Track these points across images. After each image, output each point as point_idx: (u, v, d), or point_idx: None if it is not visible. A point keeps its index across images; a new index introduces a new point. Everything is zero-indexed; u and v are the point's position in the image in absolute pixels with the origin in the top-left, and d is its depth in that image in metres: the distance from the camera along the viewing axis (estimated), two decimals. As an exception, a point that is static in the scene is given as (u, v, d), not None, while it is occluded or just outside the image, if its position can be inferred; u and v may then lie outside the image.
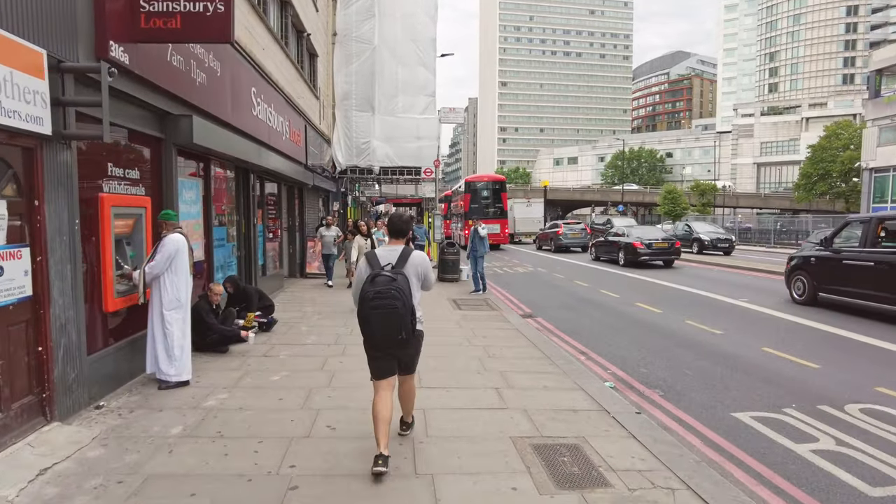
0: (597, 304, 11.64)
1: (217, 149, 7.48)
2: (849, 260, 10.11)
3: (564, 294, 13.26)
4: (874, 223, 9.82)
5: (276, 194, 12.50)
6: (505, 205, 31.99)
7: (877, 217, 10.04)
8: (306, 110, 15.23)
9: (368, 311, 3.66)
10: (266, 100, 10.41)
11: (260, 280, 10.68)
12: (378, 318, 3.65)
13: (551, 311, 10.99)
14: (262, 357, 6.70)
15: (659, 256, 19.36)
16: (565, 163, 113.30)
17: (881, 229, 9.79)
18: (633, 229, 21.97)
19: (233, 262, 9.19)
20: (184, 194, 6.96)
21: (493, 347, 7.35)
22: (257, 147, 9.49)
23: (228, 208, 9.02)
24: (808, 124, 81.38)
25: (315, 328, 8.34)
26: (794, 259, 11.65)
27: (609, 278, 16.15)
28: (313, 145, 16.15)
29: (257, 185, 10.40)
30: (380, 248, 4.16)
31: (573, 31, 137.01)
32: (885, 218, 10.08)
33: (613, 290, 13.51)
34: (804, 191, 54.11)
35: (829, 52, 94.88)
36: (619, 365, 7.01)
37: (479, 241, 12.35)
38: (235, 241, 9.38)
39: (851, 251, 10.19)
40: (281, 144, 11.77)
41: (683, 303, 11.76)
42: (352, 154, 20.35)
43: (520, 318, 9.88)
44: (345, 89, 20.25)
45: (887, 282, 9.12)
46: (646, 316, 10.29)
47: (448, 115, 21.10)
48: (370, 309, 3.65)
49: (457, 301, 11.36)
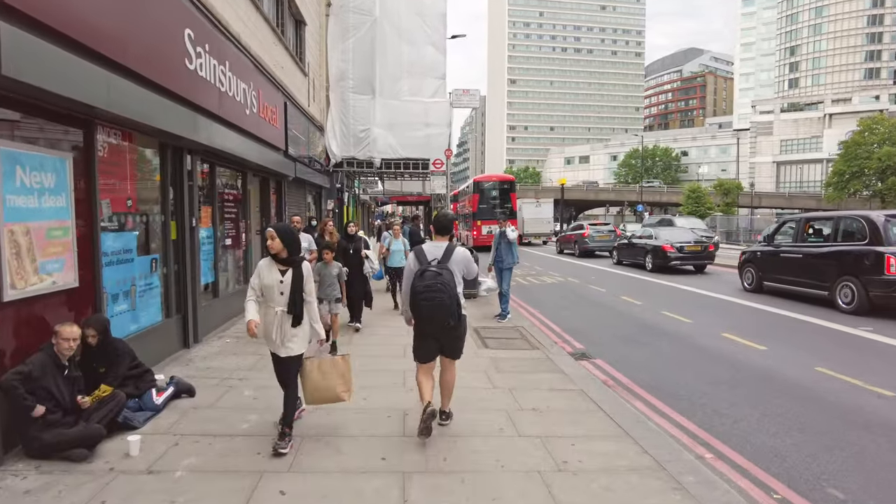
0: (669, 336, 8.57)
1: (97, 104, 4.51)
2: (784, 253, 11.83)
3: (615, 316, 10.21)
4: (803, 222, 11.73)
5: (241, 187, 9.52)
6: (514, 205, 30.28)
7: (805, 217, 12.07)
8: (288, 86, 12.26)
9: (419, 301, 4.13)
10: (217, 55, 7.44)
11: (207, 305, 7.69)
12: (427, 308, 4.12)
13: (611, 346, 7.96)
14: (140, 478, 3.69)
15: (690, 261, 17.21)
16: (577, 162, 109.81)
17: (808, 227, 11.59)
18: (661, 230, 19.19)
19: (154, 283, 6.20)
20: (20, 179, 3.99)
21: (557, 442, 4.30)
22: (193, 115, 6.50)
23: (142, 204, 6.05)
24: (831, 121, 78.06)
25: (263, 393, 5.33)
26: (745, 254, 13.52)
27: (659, 291, 13.08)
28: (298, 129, 13.18)
29: (199, 170, 7.42)
30: (427, 244, 4.55)
31: (584, 27, 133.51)
32: (812, 218, 12.03)
33: (678, 310, 10.43)
34: (836, 189, 50.65)
35: (853, 46, 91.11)
36: (785, 478, 3.96)
37: (507, 248, 9.29)
38: (160, 252, 6.40)
39: (786, 246, 11.91)
40: (245, 121, 8.80)
41: (798, 335, 8.68)
42: (348, 144, 17.36)
43: (572, 360, 6.85)
44: (341, 68, 17.26)
45: (811, 271, 10.93)
46: (753, 358, 7.22)
47: (461, 99, 18.04)
48: (420, 300, 4.12)
49: (480, 332, 8.34)
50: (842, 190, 50.35)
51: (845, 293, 10.03)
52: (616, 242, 21.89)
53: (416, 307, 4.17)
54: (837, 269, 10.26)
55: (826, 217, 11.68)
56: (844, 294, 10.05)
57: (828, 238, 10.95)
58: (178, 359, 6.44)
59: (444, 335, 4.30)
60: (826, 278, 10.49)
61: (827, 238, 10.97)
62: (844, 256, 10.19)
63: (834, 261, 10.39)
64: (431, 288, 4.06)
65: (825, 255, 10.65)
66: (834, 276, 10.29)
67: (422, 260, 4.30)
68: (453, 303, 4.13)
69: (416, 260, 4.33)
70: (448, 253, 4.31)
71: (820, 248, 10.88)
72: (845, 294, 10.03)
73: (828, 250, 10.64)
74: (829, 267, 10.46)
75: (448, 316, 4.12)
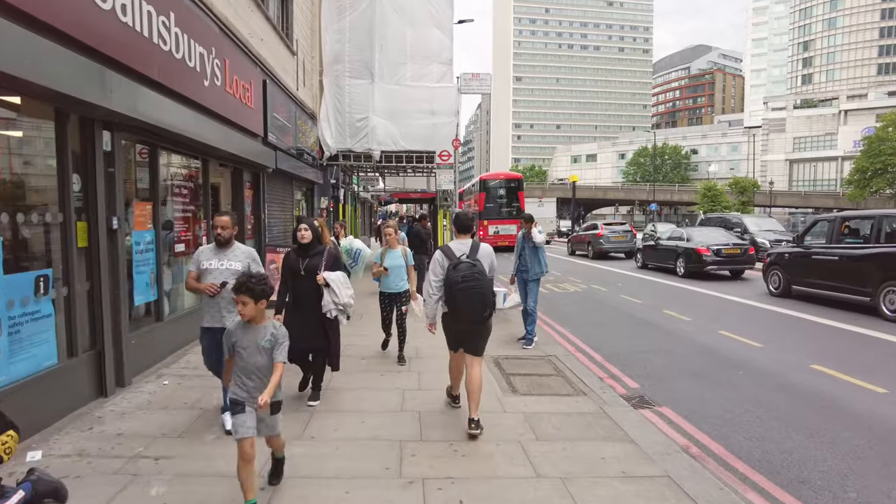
0: (742, 367, 6.64)
1: None
2: (817, 255, 10.98)
3: (664, 337, 8.27)
4: (838, 221, 10.90)
5: (201, 179, 7.64)
6: (522, 204, 28.54)
7: (840, 216, 11.19)
8: (270, 62, 10.40)
9: (457, 291, 4.17)
10: (156, 4, 5.57)
11: (144, 333, 5.82)
12: (466, 296, 4.16)
13: (675, 383, 6.05)
14: None
15: (727, 265, 15.60)
16: (584, 160, 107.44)
17: (844, 227, 10.78)
18: (693, 231, 17.33)
19: (42, 310, 4.32)
20: None
21: None
22: (100, 70, 4.58)
23: (21, 195, 4.18)
24: (846, 117, 75.85)
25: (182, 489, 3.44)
26: (771, 256, 12.58)
27: (704, 303, 11.14)
28: (283, 115, 11.32)
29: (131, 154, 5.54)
30: (452, 242, 4.55)
31: (591, 23, 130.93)
32: (848, 217, 11.11)
33: (737, 328, 8.51)
34: (858, 187, 48.43)
35: (868, 40, 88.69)
36: None
37: (533, 254, 7.34)
38: (58, 266, 4.52)
39: (819, 247, 11.06)
40: (202, 94, 6.93)
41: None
42: (344, 134, 15.48)
43: (634, 414, 4.96)
44: (336, 50, 15.39)
45: (849, 274, 10.06)
46: (871, 405, 5.29)
47: (470, 84, 16.05)
48: (458, 290, 4.17)
49: (502, 365, 6.43)
50: (864, 188, 48.20)
51: (891, 299, 9.21)
52: (639, 244, 20.10)
53: (452, 297, 4.22)
54: (881, 273, 9.41)
55: (865, 216, 10.69)
56: (890, 300, 9.22)
57: (867, 239, 10.08)
58: (81, 417, 4.55)
59: (476, 327, 4.34)
60: (867, 283, 9.65)
61: (867, 239, 10.11)
62: (890, 259, 9.34)
63: (877, 264, 9.54)
64: (468, 278, 4.15)
65: (866, 258, 9.80)
66: (877, 280, 9.45)
67: (450, 256, 4.37)
68: (489, 292, 4.28)
69: (445, 256, 4.40)
70: (475, 248, 4.43)
71: (860, 250, 10.01)
72: (891, 300, 9.21)
73: (870, 252, 9.77)
74: (872, 270, 9.61)
75: (486, 305, 4.23)
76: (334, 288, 4.82)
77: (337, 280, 4.88)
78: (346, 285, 4.95)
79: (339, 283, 4.86)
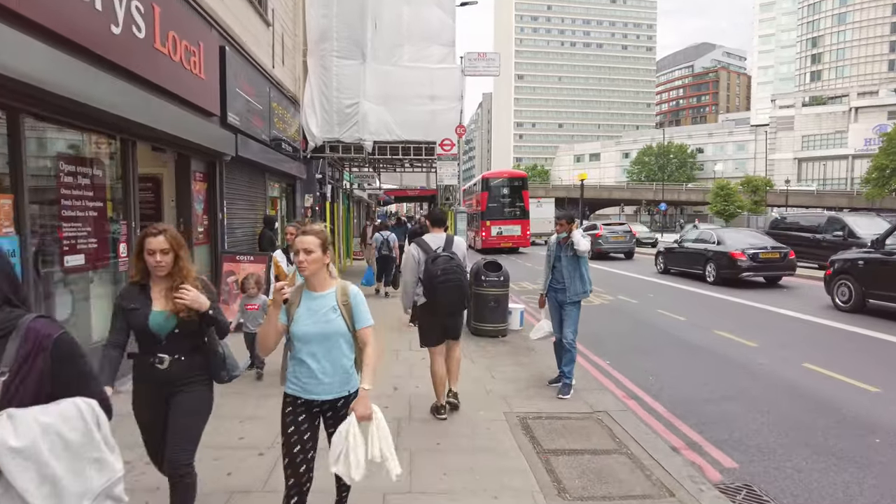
0: (870, 427, 4.65)
1: None
2: None
3: (735, 373, 6.25)
4: None
5: (116, 166, 5.62)
6: (527, 204, 27.39)
7: None
8: (230, 25, 8.40)
9: (437, 285, 4.28)
10: None
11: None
12: (446, 290, 4.28)
13: (787, 460, 4.03)
14: None
15: (764, 272, 14.03)
16: (587, 159, 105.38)
17: None
18: (725, 233, 15.53)
19: None
20: None
21: None
22: None
23: None
24: (856, 115, 73.91)
25: None
26: (836, 262, 10.85)
27: (760, 320, 9.16)
28: (252, 94, 9.32)
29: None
30: (426, 236, 4.68)
31: (593, 20, 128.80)
32: None
33: (826, 360, 6.51)
34: (876, 185, 46.55)
35: (879, 36, 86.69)
36: None
37: (573, 267, 5.32)
38: None
39: None
40: (107, 46, 4.94)
41: None
42: (331, 122, 13.50)
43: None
44: (322, 26, 13.40)
45: None
46: None
47: (476, 65, 13.98)
48: (439, 283, 4.27)
49: (533, 429, 4.41)
50: (883, 186, 46.37)
51: None
52: (661, 247, 18.29)
53: (433, 291, 4.30)
54: None
55: None
56: None
57: None
58: None
59: (454, 318, 4.58)
60: None
61: None
62: None
63: None
64: (448, 271, 4.28)
65: None
66: None
67: (426, 249, 4.49)
68: (467, 284, 4.53)
69: (420, 249, 4.52)
70: (449, 241, 4.58)
71: None
72: None
73: None
74: None
75: (464, 297, 4.45)
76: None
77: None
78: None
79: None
